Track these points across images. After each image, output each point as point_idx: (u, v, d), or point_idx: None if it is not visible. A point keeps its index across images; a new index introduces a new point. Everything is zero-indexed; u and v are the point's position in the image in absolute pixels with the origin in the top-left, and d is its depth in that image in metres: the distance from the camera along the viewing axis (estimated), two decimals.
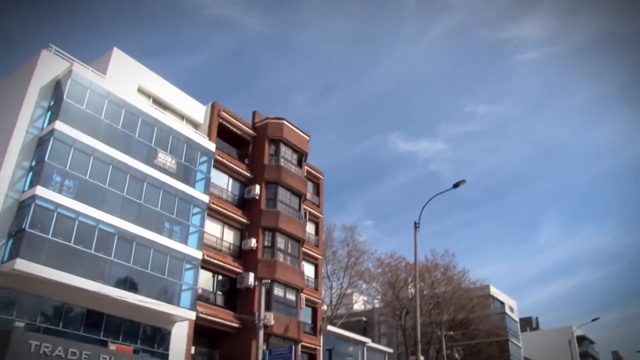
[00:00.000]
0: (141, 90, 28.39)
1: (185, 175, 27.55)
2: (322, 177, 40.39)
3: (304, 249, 34.05)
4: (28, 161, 22.01)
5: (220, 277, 29.69)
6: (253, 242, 30.51)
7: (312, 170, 38.73)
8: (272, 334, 28.54)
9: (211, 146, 29.70)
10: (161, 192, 25.80)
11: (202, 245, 27.29)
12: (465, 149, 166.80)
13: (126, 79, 27.10)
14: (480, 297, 55.34)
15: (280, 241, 31.68)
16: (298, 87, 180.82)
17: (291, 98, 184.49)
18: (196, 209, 27.53)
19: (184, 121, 30.36)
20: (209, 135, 30.62)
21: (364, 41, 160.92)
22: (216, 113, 31.88)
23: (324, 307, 43.52)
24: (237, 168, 32.23)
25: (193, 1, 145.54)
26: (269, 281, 27.86)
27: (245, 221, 31.47)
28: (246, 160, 33.53)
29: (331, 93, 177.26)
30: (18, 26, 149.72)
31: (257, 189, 31.83)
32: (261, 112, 35.41)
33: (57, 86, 23.65)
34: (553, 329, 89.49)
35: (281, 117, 34.73)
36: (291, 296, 31.21)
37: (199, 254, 26.66)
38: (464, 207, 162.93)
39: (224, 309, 28.90)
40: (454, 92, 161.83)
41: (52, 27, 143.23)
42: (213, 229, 29.80)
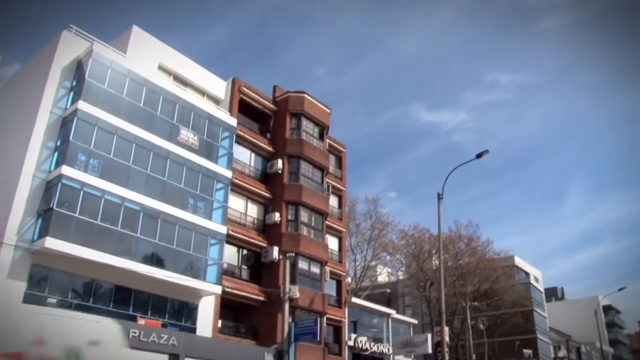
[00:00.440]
0: (162, 68, 28.47)
1: (208, 151, 27.69)
2: (344, 150, 40.28)
3: (327, 222, 34.17)
4: (53, 141, 22.33)
5: (245, 252, 30.00)
6: (277, 216, 30.70)
7: (333, 144, 38.63)
8: (298, 306, 28.85)
9: (233, 121, 29.76)
10: (184, 169, 26.01)
11: (226, 220, 27.54)
12: (488, 118, 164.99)
13: (146, 56, 27.18)
14: (504, 267, 55.09)
15: (304, 215, 31.82)
16: (318, 60, 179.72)
17: (312, 71, 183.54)
18: (219, 185, 27.73)
19: (205, 97, 30.43)
20: (230, 110, 30.66)
21: (384, 12, 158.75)
22: (237, 88, 31.85)
23: (348, 280, 43.80)
24: (259, 143, 32.29)
25: None
26: (293, 255, 28.07)
27: (268, 195, 31.64)
28: (268, 135, 33.54)
29: (352, 65, 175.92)
30: (40, 9, 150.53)
31: (279, 163, 31.91)
32: (282, 86, 35.29)
33: (78, 66, 23.82)
34: (579, 299, 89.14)
35: (302, 90, 34.56)
36: (315, 269, 31.45)
37: (223, 229, 26.94)
38: (487, 178, 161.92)
39: (249, 282, 29.26)
40: (476, 61, 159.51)
41: (72, 8, 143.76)
42: (237, 204, 30.01)
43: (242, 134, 30.92)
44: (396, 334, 41.41)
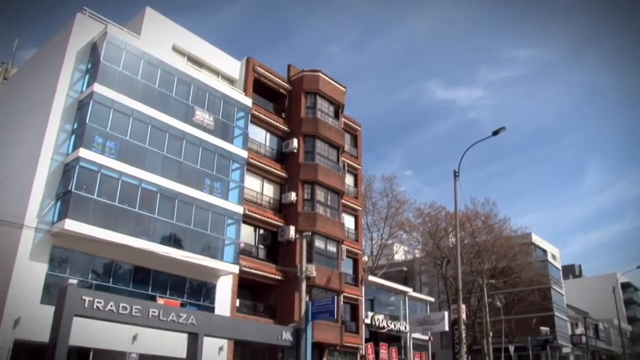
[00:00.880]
0: (176, 49, 28.44)
1: (223, 131, 27.74)
2: (359, 128, 40.13)
3: (343, 200, 34.21)
4: (70, 124, 22.52)
5: (261, 231, 30.18)
6: (293, 196, 30.79)
7: (349, 122, 38.51)
8: (315, 285, 29.05)
9: (248, 101, 29.73)
10: (200, 150, 26.11)
11: (242, 200, 27.68)
12: (505, 95, 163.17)
13: (160, 38, 27.17)
14: (521, 245, 54.81)
15: (320, 194, 31.87)
16: (333, 38, 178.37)
17: (327, 49, 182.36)
18: (235, 165, 27.82)
19: (219, 78, 30.39)
20: (244, 90, 30.63)
21: None
22: (251, 68, 31.77)
23: (365, 258, 43.93)
24: (274, 122, 32.27)
25: None
26: (309, 233, 28.18)
27: (284, 175, 31.69)
28: (283, 114, 33.49)
29: (367, 42, 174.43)
30: None
31: (294, 142, 31.90)
32: (296, 66, 35.14)
33: (93, 49, 23.89)
34: (596, 276, 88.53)
35: (316, 69, 34.39)
36: (332, 248, 31.57)
37: (240, 209, 27.09)
38: (504, 155, 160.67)
39: (266, 262, 29.48)
40: (492, 37, 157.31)
41: None
42: (253, 183, 30.12)
43: (257, 113, 30.90)
44: (413, 311, 41.62)
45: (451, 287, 47.46)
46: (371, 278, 38.24)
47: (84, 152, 21.26)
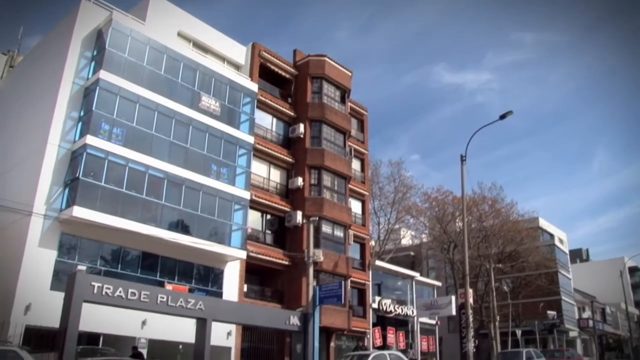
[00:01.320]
0: (181, 35, 28.34)
1: (230, 117, 27.72)
2: (365, 113, 40.00)
3: (350, 185, 34.20)
4: (77, 111, 22.57)
5: (268, 217, 30.25)
6: (299, 181, 30.80)
7: (355, 107, 38.38)
8: (322, 270, 29.16)
9: (253, 87, 29.66)
10: (207, 135, 26.11)
11: (249, 185, 27.72)
12: (513, 79, 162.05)
13: (165, 24, 27.04)
14: (529, 229, 54.60)
15: (327, 179, 31.87)
16: (340, 21, 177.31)
17: (333, 33, 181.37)
18: (242, 150, 27.83)
19: (225, 63, 30.29)
20: (250, 76, 30.54)
21: None
22: (257, 53, 31.65)
23: (372, 243, 43.98)
24: (280, 107, 32.19)
25: None
26: (316, 218, 28.23)
27: (290, 160, 31.68)
28: (289, 100, 33.41)
29: (374, 27, 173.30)
30: None
31: (301, 127, 31.85)
32: (302, 51, 35.02)
33: (98, 36, 23.86)
34: (604, 260, 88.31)
35: (322, 54, 34.25)
36: (339, 233, 31.63)
37: (247, 195, 27.14)
38: (511, 139, 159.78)
39: (273, 247, 29.58)
40: (499, 20, 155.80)
41: None
42: (259, 169, 30.14)
43: (263, 99, 30.83)
44: (420, 296, 41.69)
45: (458, 272, 47.46)
46: (378, 263, 38.30)
47: (91, 139, 21.30)
